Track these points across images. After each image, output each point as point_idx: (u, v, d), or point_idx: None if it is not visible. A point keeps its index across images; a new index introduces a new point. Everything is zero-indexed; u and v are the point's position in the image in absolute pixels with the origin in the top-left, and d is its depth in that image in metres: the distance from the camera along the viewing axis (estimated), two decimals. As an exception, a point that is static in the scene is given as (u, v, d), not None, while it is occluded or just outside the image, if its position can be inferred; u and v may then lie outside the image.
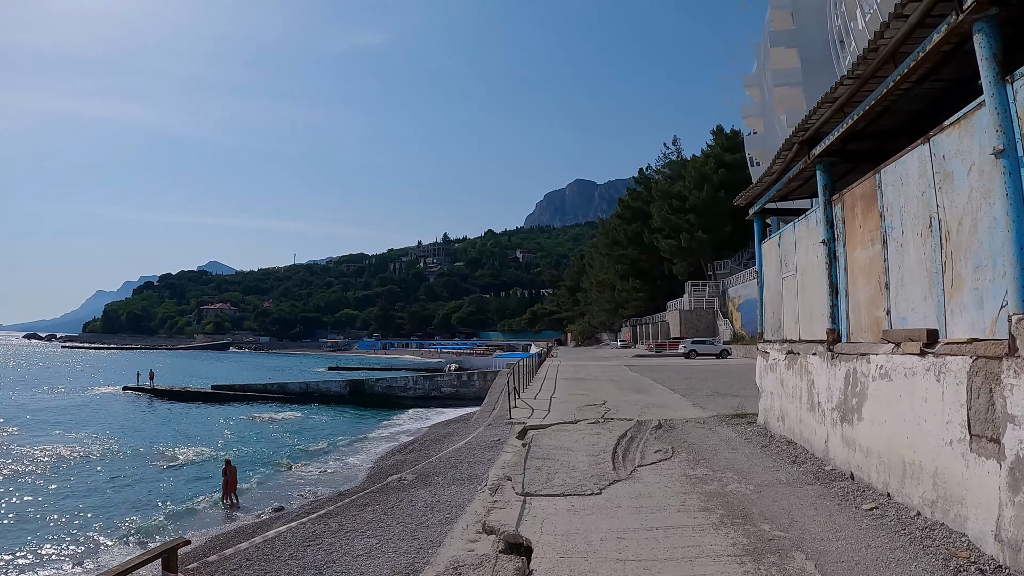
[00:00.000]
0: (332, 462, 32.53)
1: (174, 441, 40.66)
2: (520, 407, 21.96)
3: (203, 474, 30.50)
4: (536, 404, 22.65)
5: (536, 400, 23.97)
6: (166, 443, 39.73)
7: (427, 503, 11.48)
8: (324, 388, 64.97)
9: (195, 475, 30.78)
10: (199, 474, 30.74)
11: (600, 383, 31.78)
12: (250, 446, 38.68)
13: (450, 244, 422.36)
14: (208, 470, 31.02)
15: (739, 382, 30.09)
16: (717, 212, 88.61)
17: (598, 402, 22.41)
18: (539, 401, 23.49)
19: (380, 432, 41.92)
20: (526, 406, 22.21)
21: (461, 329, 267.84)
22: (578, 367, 48.84)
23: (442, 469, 14.74)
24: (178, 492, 27.41)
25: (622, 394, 25.49)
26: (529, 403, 23.03)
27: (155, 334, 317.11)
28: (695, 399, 22.92)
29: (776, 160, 13.72)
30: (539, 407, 21.72)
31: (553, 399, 24.06)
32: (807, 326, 13.25)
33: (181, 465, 33.64)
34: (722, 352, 62.90)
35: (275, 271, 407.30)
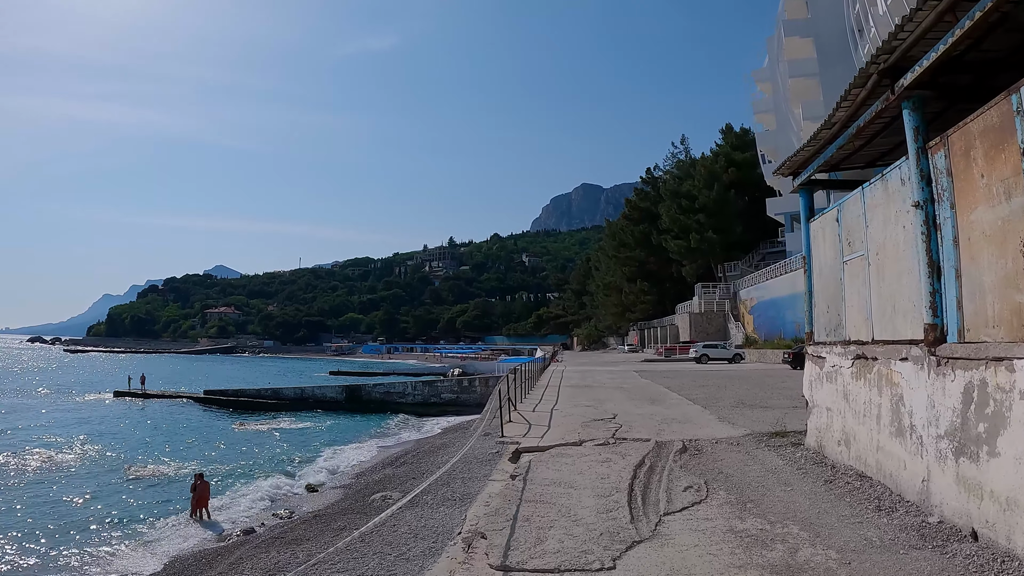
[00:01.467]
0: (317, 475, 30.23)
1: (154, 450, 38.56)
2: (516, 421, 18.68)
3: (177, 487, 28.12)
4: (535, 417, 19.36)
5: (535, 413, 20.63)
6: (145, 452, 37.69)
7: (411, 528, 9.97)
8: (320, 394, 62.80)
9: (169, 488, 28.58)
10: (173, 487, 28.42)
11: (608, 391, 28.52)
12: (234, 456, 36.62)
13: (456, 248, 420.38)
14: (184, 483, 27.99)
15: (762, 390, 27.55)
16: (727, 212, 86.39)
17: (607, 415, 19.14)
18: (538, 414, 20.12)
19: (373, 442, 39.44)
20: (523, 420, 18.93)
21: (466, 333, 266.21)
22: (584, 373, 45.76)
23: (432, 486, 12.82)
24: (146, 507, 25.10)
25: (634, 405, 22.27)
26: (527, 416, 19.72)
27: (159, 338, 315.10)
28: (719, 411, 19.76)
29: (840, 105, 10.50)
30: (538, 421, 18.47)
31: (555, 411, 20.73)
32: (885, 322, 9.98)
33: (155, 476, 31.35)
34: (735, 356, 60.27)
35: (280, 275, 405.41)
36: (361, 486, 24.43)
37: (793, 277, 60.80)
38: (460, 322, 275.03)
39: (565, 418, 18.94)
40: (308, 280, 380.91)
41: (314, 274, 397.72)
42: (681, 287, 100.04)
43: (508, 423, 17.86)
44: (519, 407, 22.07)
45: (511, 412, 19.60)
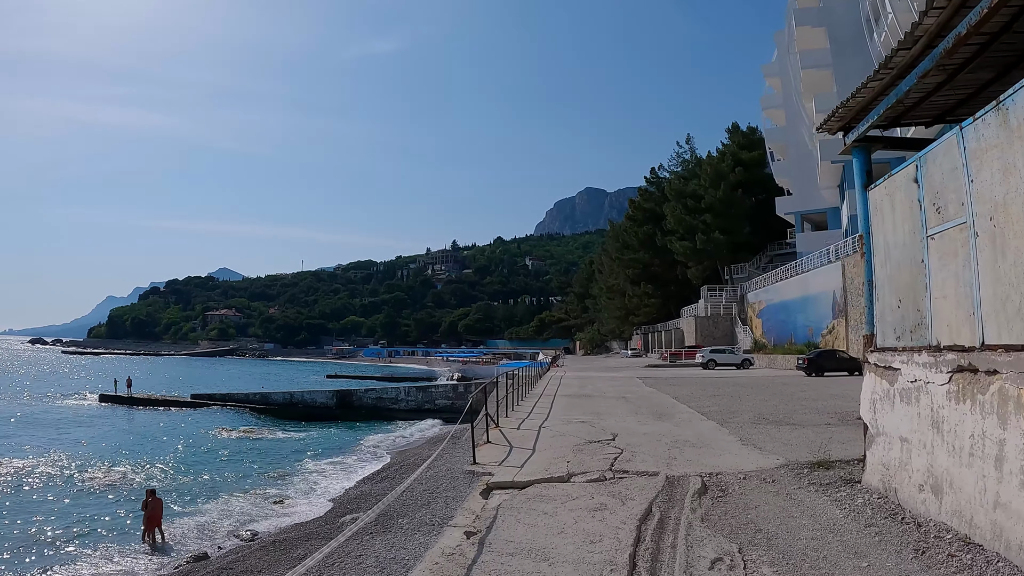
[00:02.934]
0: (292, 491, 27.54)
1: (125, 459, 35.91)
2: (495, 442, 15.60)
3: (137, 502, 24.57)
4: (519, 437, 16.19)
5: (520, 432, 17.38)
6: (114, 461, 35.08)
7: (379, 560, 8.43)
8: (309, 399, 60.21)
9: (127, 503, 25.73)
10: (132, 502, 25.26)
11: (608, 402, 25.42)
12: (209, 466, 34.26)
13: (459, 251, 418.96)
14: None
15: (782, 400, 24.55)
16: (734, 212, 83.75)
17: (605, 436, 15.92)
18: (523, 434, 16.85)
19: (357, 453, 36.72)
20: (503, 441, 15.76)
21: (468, 337, 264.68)
22: (584, 380, 42.75)
23: (411, 506, 11.44)
24: (97, 525, 22.64)
25: (638, 421, 19.16)
26: (509, 435, 16.52)
27: (159, 340, 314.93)
28: (739, 430, 16.62)
29: (927, 14, 7.34)
30: (522, 442, 15.29)
31: (543, 429, 17.58)
32: (1010, 318, 6.71)
33: (117, 489, 28.70)
34: (744, 362, 57.37)
35: (282, 277, 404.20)
36: (338, 503, 22.47)
37: (804, 279, 57.95)
38: (462, 326, 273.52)
39: (555, 439, 15.78)
40: (310, 283, 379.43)
41: (316, 277, 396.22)
42: (686, 290, 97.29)
43: (485, 444, 14.94)
44: (504, 421, 19.22)
45: (489, 429, 16.62)
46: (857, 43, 55.94)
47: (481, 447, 14.46)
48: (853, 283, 47.69)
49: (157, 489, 22.50)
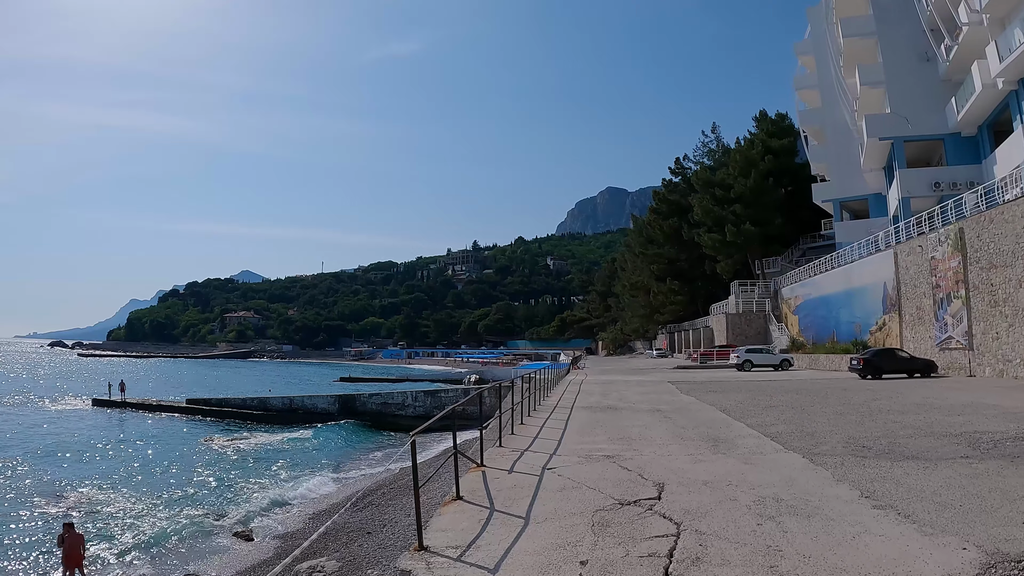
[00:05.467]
0: (260, 518, 24.53)
1: (89, 473, 33.46)
2: (469, 499, 10.05)
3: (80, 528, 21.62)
4: (509, 487, 10.75)
5: (513, 475, 11.78)
6: (75, 476, 32.76)
7: None
8: (310, 405, 56.86)
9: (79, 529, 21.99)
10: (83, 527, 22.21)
11: (640, 418, 20.13)
12: (180, 481, 31.84)
13: (480, 252, 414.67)
14: (94, 521, 24.35)
15: (862, 414, 19.55)
16: (766, 202, 79.08)
17: (644, 490, 10.25)
18: (516, 480, 11.24)
19: (348, 471, 33.42)
20: (481, 494, 10.33)
21: (488, 337, 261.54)
22: (607, 385, 37.82)
23: (387, 548, 10.40)
24: (17, 556, 20.39)
25: (687, 454, 13.51)
26: (495, 482, 11.16)
27: (178, 342, 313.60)
28: (847, 471, 11.14)
29: None
30: (511, 499, 9.82)
31: (548, 473, 11.90)
32: None
33: (64, 511, 25.74)
34: (783, 363, 52.74)
35: (302, 279, 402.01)
36: (302, 539, 19.19)
37: (848, 271, 52.96)
38: (482, 326, 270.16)
39: (563, 495, 10.04)
40: (330, 284, 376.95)
41: (336, 278, 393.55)
42: (714, 286, 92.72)
43: (452, 503, 9.89)
44: (494, 453, 14.29)
45: (469, 471, 11.76)
46: (903, 7, 51.23)
47: (447, 508, 9.62)
48: (907, 273, 42.62)
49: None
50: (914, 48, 50.99)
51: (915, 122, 49.66)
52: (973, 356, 35.28)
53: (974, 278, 34.96)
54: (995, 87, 41.50)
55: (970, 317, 35.37)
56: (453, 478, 10.95)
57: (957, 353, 36.86)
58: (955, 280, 36.65)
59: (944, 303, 37.99)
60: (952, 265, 36.90)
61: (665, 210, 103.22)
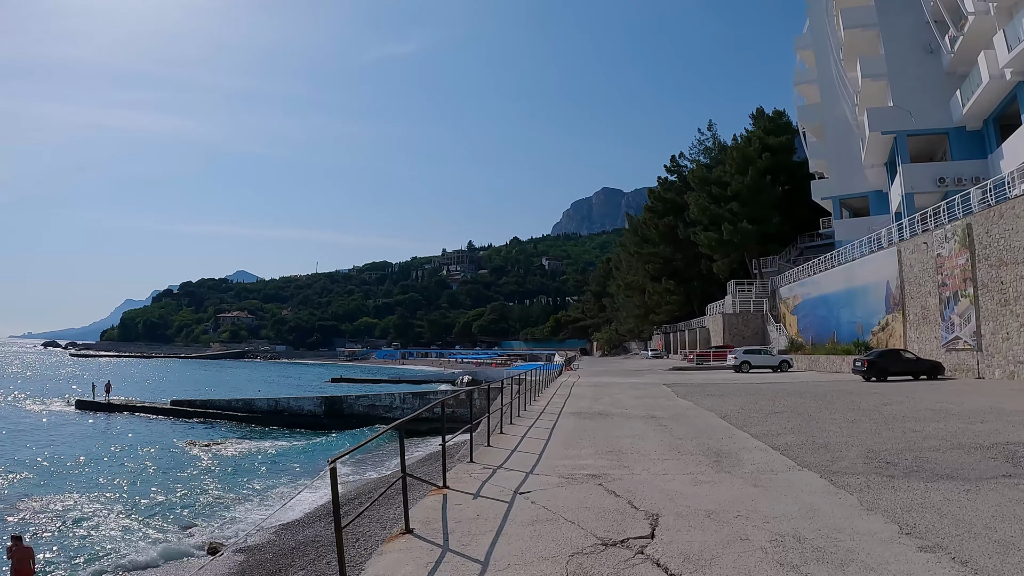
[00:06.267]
0: (231, 528, 23.68)
1: (56, 479, 32.59)
2: (420, 534, 8.27)
3: (39, 543, 21.61)
4: (472, 515, 9.01)
5: (478, 501, 9.93)
6: (41, 482, 31.77)
7: None
8: (295, 406, 55.63)
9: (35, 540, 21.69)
10: (34, 543, 20.66)
11: (633, 427, 18.36)
12: (151, 488, 30.55)
13: (475, 252, 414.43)
14: (53, 531, 23.54)
15: (876, 422, 17.86)
16: (763, 200, 77.59)
17: (635, 525, 8.41)
18: (482, 508, 9.45)
19: (324, 478, 30.86)
20: (436, 527, 8.54)
21: (482, 338, 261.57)
22: (600, 388, 36.18)
23: None
24: None
25: (687, 472, 11.71)
26: (457, 510, 9.37)
27: (171, 342, 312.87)
28: (875, 497, 9.42)
29: None
30: (471, 533, 8.13)
31: (521, 498, 10.07)
32: None
33: (20, 521, 24.77)
34: (782, 364, 51.16)
35: (296, 279, 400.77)
36: (273, 553, 18.62)
37: (850, 269, 51.52)
38: (476, 326, 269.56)
39: (535, 530, 8.22)
40: (324, 284, 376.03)
41: (330, 278, 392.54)
42: (710, 285, 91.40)
43: (400, 537, 8.21)
44: (458, 473, 12.63)
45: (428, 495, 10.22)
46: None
47: (391, 544, 7.99)
48: (912, 271, 41.12)
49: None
50: (917, 40, 49.61)
51: (918, 116, 48.27)
52: (982, 357, 33.80)
53: (983, 276, 33.51)
54: (1003, 78, 40.12)
55: (978, 317, 33.91)
56: (418, 495, 9.44)
57: (964, 354, 35.38)
58: (963, 278, 35.19)
59: (951, 302, 36.52)
60: (959, 262, 35.44)
61: (661, 208, 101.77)
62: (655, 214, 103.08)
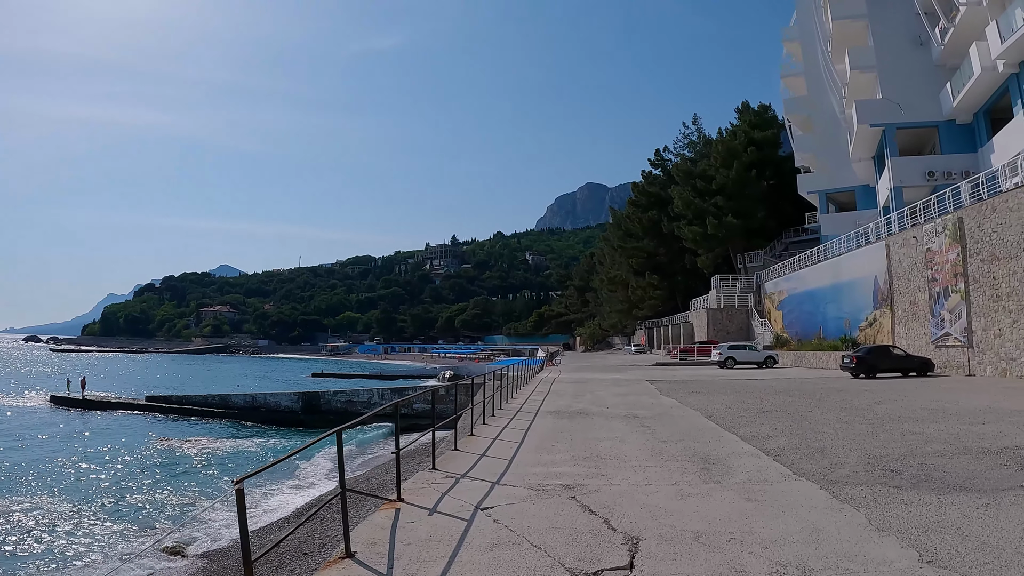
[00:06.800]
0: (198, 531, 21.29)
1: (16, 478, 30.70)
2: (359, 562, 7.11)
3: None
4: (425, 535, 7.96)
5: (433, 518, 8.90)
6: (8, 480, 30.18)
7: None
8: (272, 402, 54.18)
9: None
10: None
11: (613, 429, 17.20)
12: (119, 489, 28.64)
13: (458, 246, 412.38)
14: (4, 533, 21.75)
15: (871, 423, 16.91)
16: (748, 194, 77.02)
17: (609, 559, 7.00)
18: (436, 527, 8.44)
19: (299, 476, 30.03)
20: (367, 566, 7.04)
21: (465, 333, 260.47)
22: (581, 384, 35.32)
23: None
24: None
25: (671, 483, 10.71)
26: (409, 529, 8.30)
27: (153, 337, 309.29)
28: (883, 513, 8.38)
29: None
30: (417, 570, 6.78)
31: (483, 515, 8.93)
32: None
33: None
34: (767, 360, 50.58)
35: (279, 273, 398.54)
36: (237, 558, 15.84)
37: (836, 264, 50.82)
38: (459, 321, 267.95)
39: (493, 563, 6.91)
40: (307, 278, 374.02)
41: (313, 273, 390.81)
42: (695, 280, 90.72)
43: (340, 563, 7.10)
44: (431, 472, 11.73)
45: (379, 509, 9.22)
46: (898, -13, 49.38)
47: (327, 571, 6.86)
48: (900, 266, 40.37)
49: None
50: (907, 31, 49.00)
51: (908, 109, 47.60)
52: (973, 354, 33.07)
53: (974, 271, 32.76)
54: (995, 70, 39.44)
55: (969, 312, 33.17)
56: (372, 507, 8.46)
57: (955, 351, 34.64)
58: (953, 273, 34.44)
59: (941, 298, 35.77)
60: (950, 257, 34.67)
61: (644, 202, 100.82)
62: (639, 208, 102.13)
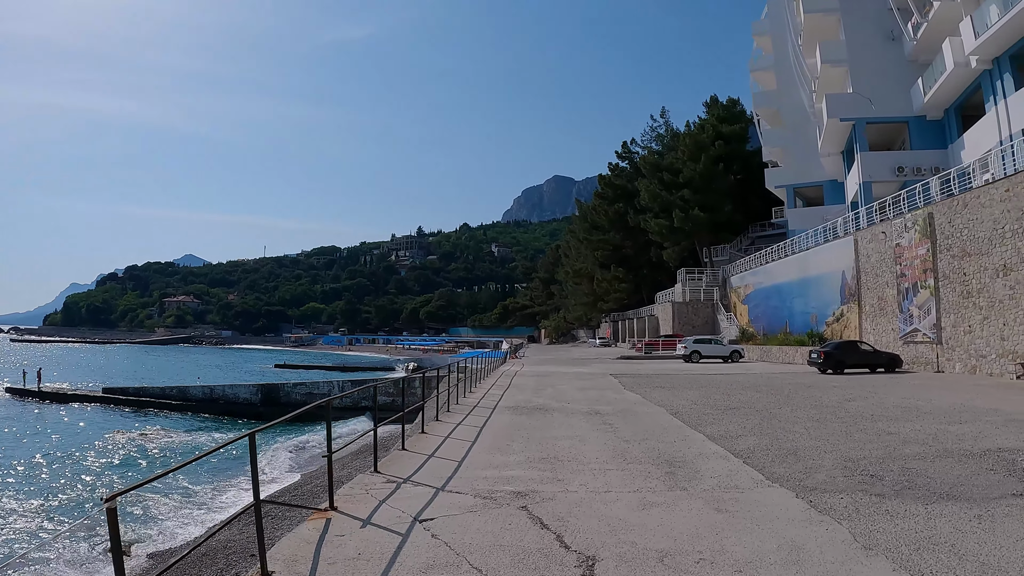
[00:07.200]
0: (138, 529, 20.87)
1: None
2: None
3: None
4: (342, 564, 6.85)
5: (366, 531, 7.95)
6: None
7: None
8: (231, 394, 53.24)
9: None
10: None
11: (574, 427, 16.33)
12: (65, 485, 27.74)
13: (424, 238, 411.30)
14: None
15: (844, 422, 16.24)
16: (715, 187, 76.57)
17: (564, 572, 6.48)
18: (363, 546, 7.36)
19: (244, 475, 28.24)
20: None
21: (430, 324, 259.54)
22: (543, 378, 34.51)
23: None
24: None
25: (633, 490, 9.78)
26: (324, 551, 7.23)
27: (115, 327, 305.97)
28: (871, 527, 7.53)
29: None
30: None
31: (416, 535, 7.72)
32: None
33: None
34: (733, 354, 50.05)
35: (243, 263, 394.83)
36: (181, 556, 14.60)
37: (804, 258, 50.35)
38: (424, 312, 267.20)
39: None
40: (271, 269, 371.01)
41: (278, 263, 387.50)
42: (660, 274, 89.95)
43: None
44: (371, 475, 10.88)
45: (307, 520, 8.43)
46: (870, -20, 49.10)
47: None
48: (869, 261, 39.90)
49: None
50: (879, 26, 48.73)
51: (878, 104, 47.25)
52: (942, 350, 32.62)
53: (944, 267, 32.29)
54: (967, 66, 39.11)
55: (939, 309, 32.70)
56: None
57: (923, 347, 34.20)
58: (923, 269, 33.96)
59: (910, 293, 35.31)
60: (920, 253, 34.21)
61: (611, 195, 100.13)
62: (605, 200, 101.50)
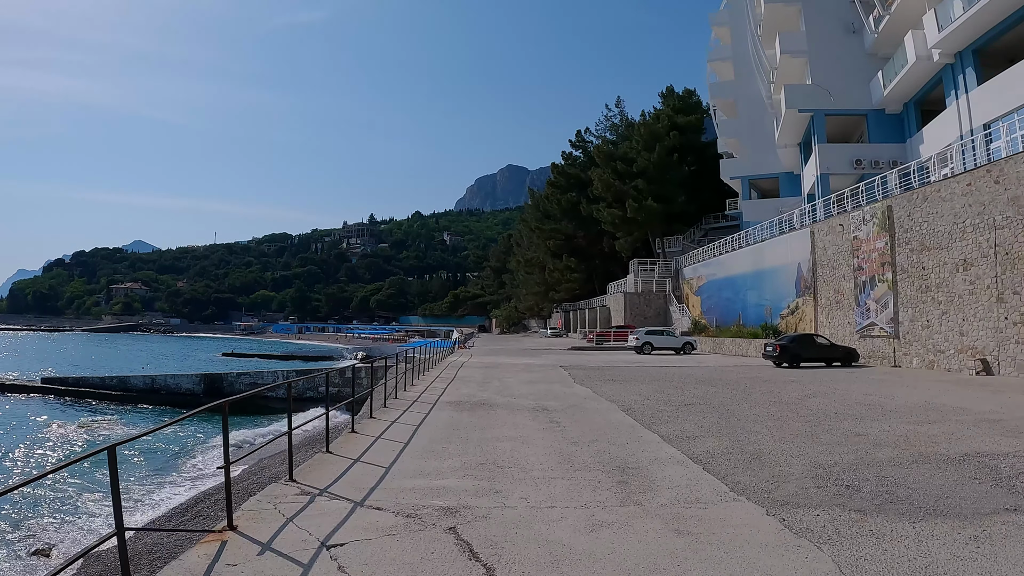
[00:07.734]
0: (64, 529, 19.45)
1: None
2: None
3: None
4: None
5: (262, 560, 6.52)
6: None
7: None
8: (173, 384, 51.41)
9: None
10: None
11: (518, 426, 15.09)
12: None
13: (376, 225, 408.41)
14: None
15: (808, 421, 15.33)
16: (669, 178, 75.87)
17: None
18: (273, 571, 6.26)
19: (184, 471, 27.21)
20: None
21: (380, 313, 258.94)
22: (490, 369, 33.49)
23: None
24: None
25: (581, 508, 8.28)
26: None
27: (62, 315, 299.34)
28: (867, 561, 6.26)
29: None
30: None
31: (319, 567, 6.31)
32: None
33: None
34: (685, 346, 49.78)
35: (193, 250, 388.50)
36: (114, 559, 13.72)
37: (759, 250, 49.79)
38: (375, 301, 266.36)
39: None
40: (222, 256, 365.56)
41: (229, 250, 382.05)
42: (612, 264, 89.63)
43: None
44: (286, 484, 9.84)
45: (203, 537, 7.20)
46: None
47: None
48: (825, 253, 39.34)
49: None
50: (840, 18, 48.39)
51: (837, 96, 46.89)
52: (899, 345, 32.11)
53: (903, 261, 31.77)
54: (929, 59, 38.80)
55: (897, 303, 32.19)
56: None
57: (880, 341, 33.67)
58: (881, 262, 33.42)
59: (867, 287, 34.77)
60: (878, 246, 33.66)
61: (564, 184, 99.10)
62: (558, 189, 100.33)
